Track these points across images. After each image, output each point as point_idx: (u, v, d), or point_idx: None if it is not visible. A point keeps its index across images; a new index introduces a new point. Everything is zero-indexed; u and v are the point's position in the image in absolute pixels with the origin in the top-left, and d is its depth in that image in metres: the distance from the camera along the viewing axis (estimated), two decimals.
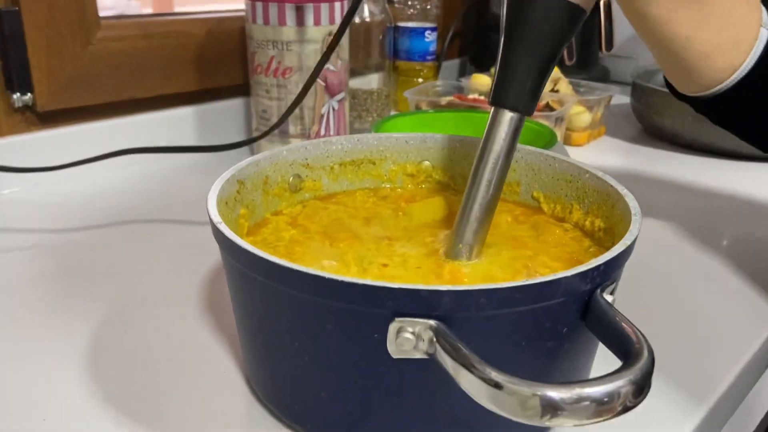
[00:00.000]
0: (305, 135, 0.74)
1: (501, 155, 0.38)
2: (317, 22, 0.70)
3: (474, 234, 0.38)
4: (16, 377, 0.39)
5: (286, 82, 0.71)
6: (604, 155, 0.86)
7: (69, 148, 0.69)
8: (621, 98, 1.04)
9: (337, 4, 0.71)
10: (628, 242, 0.32)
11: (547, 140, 0.64)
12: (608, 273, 0.30)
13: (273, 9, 0.68)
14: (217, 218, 0.34)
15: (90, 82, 0.70)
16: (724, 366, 0.42)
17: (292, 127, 0.73)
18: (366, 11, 0.87)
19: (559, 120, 0.79)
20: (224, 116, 0.83)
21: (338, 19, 0.71)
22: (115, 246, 0.56)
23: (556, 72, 0.90)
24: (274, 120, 0.73)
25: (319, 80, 0.72)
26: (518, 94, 0.37)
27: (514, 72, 0.36)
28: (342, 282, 0.28)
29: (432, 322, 0.27)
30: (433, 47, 1.01)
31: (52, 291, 0.49)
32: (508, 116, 0.37)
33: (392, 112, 0.96)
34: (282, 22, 0.69)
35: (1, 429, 0.35)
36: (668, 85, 0.48)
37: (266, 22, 0.69)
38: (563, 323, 0.30)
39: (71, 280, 0.50)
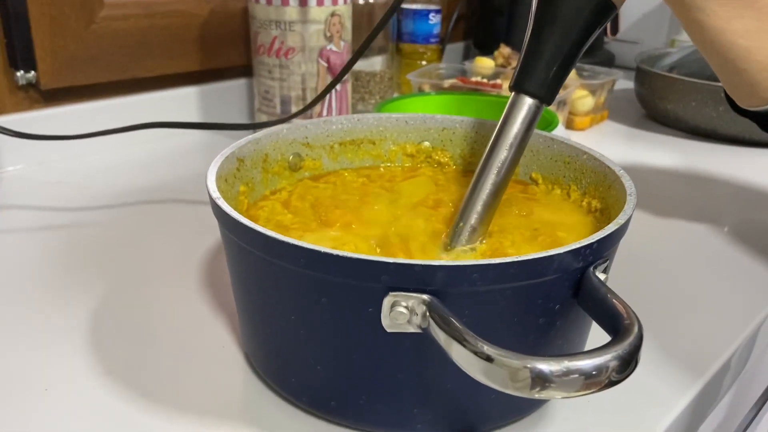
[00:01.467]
0: (307, 116, 0.74)
1: (516, 141, 0.38)
2: (320, 2, 0.69)
3: (479, 218, 0.38)
4: (19, 350, 0.40)
5: (289, 62, 0.71)
6: (606, 139, 0.86)
7: (72, 126, 0.70)
8: (625, 83, 1.04)
9: None
10: (622, 221, 0.32)
11: (549, 123, 0.64)
12: (601, 251, 0.31)
13: None
14: (216, 194, 0.34)
15: (93, 60, 0.70)
16: (722, 344, 0.43)
17: (294, 108, 0.73)
18: None
19: (561, 104, 0.79)
20: (227, 96, 0.83)
21: (341, 0, 0.71)
22: (118, 225, 0.57)
23: None
24: (276, 101, 0.73)
25: (320, 61, 0.72)
26: (541, 82, 0.37)
27: (538, 60, 0.36)
28: (337, 256, 0.28)
29: (425, 296, 0.28)
30: (437, 30, 1.01)
31: (54, 269, 0.49)
32: (527, 102, 0.37)
33: (395, 95, 0.96)
34: (285, 2, 0.69)
35: (5, 397, 0.36)
36: (729, 100, 0.46)
37: (269, 1, 0.69)
38: (555, 300, 0.30)
39: (74, 259, 0.51)
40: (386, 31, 0.91)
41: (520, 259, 0.28)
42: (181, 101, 0.79)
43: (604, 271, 0.31)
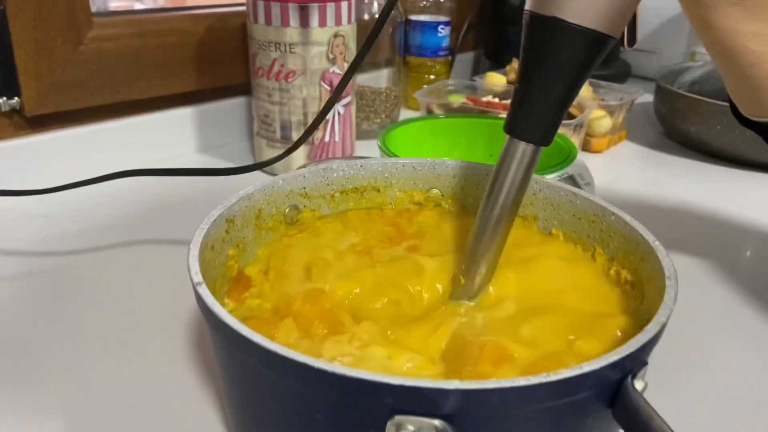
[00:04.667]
0: (309, 141, 0.70)
1: (513, 189, 0.34)
2: (322, 23, 0.65)
3: (480, 276, 0.36)
4: None
5: (289, 86, 0.67)
6: (624, 162, 0.81)
7: (59, 154, 0.66)
8: (643, 97, 0.99)
9: (344, 4, 0.66)
10: (663, 319, 0.28)
11: (566, 155, 0.60)
12: (641, 358, 0.27)
13: (275, 9, 0.64)
14: (197, 277, 0.30)
15: (81, 84, 0.66)
16: None
17: (295, 134, 0.69)
18: (375, 5, 0.82)
19: (578, 127, 0.75)
20: (226, 116, 0.79)
21: (345, 20, 0.67)
22: (100, 270, 0.53)
23: None
24: (276, 126, 0.69)
25: (323, 84, 0.68)
26: (536, 125, 0.33)
27: (532, 102, 0.33)
28: (333, 374, 0.24)
29: (437, 422, 0.24)
30: (446, 42, 0.97)
31: (29, 321, 0.45)
32: (522, 147, 0.34)
33: (401, 112, 0.91)
34: (285, 23, 0.64)
35: None
36: (732, 108, 0.43)
37: (268, 22, 0.65)
38: (588, 416, 0.26)
39: (47, 309, 0.47)
40: (393, 43, 0.87)
41: (549, 379, 0.24)
42: (177, 123, 0.75)
43: (642, 378, 0.27)
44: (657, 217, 0.63)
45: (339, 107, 0.71)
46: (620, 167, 0.79)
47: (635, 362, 0.26)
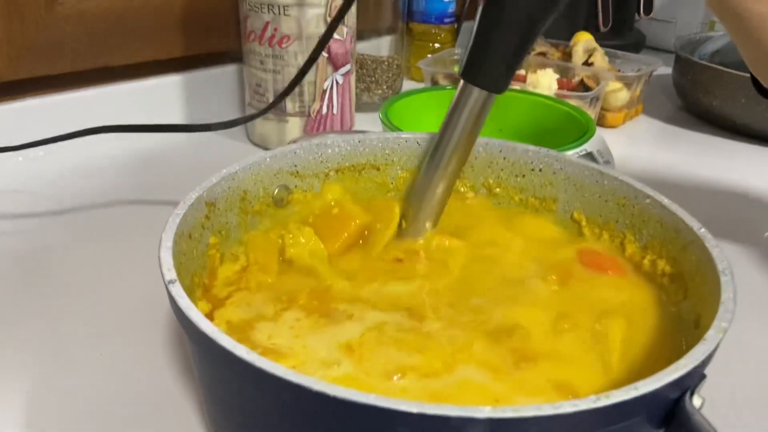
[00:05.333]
0: (304, 113, 0.65)
1: (464, 134, 0.35)
2: None
3: (427, 216, 0.38)
4: None
5: (283, 52, 0.62)
6: (641, 138, 0.76)
7: (34, 123, 0.61)
8: (659, 69, 0.94)
9: None
10: (726, 324, 0.23)
11: (584, 130, 0.55)
12: (701, 371, 0.22)
13: None
14: (170, 274, 0.25)
15: (57, 48, 0.61)
16: None
17: (290, 105, 0.64)
18: None
19: (594, 100, 0.70)
20: (215, 85, 0.74)
21: None
22: (79, 242, 0.48)
23: (590, 42, 0.80)
24: (270, 96, 0.64)
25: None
26: (491, 71, 0.34)
27: (487, 49, 0.33)
28: (337, 399, 0.19)
29: None
30: (452, 8, 0.91)
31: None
32: (476, 93, 0.34)
33: (404, 83, 0.86)
34: None
35: None
36: (753, 80, 0.41)
37: None
38: None
39: (22, 286, 0.42)
40: (395, 9, 0.81)
41: (597, 405, 0.19)
42: (163, 91, 0.70)
43: (699, 393, 0.23)
44: (679, 198, 0.58)
45: (337, 76, 0.65)
46: (637, 143, 0.74)
47: (695, 377, 0.22)
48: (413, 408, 0.19)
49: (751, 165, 0.69)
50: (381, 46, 0.81)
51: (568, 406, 0.19)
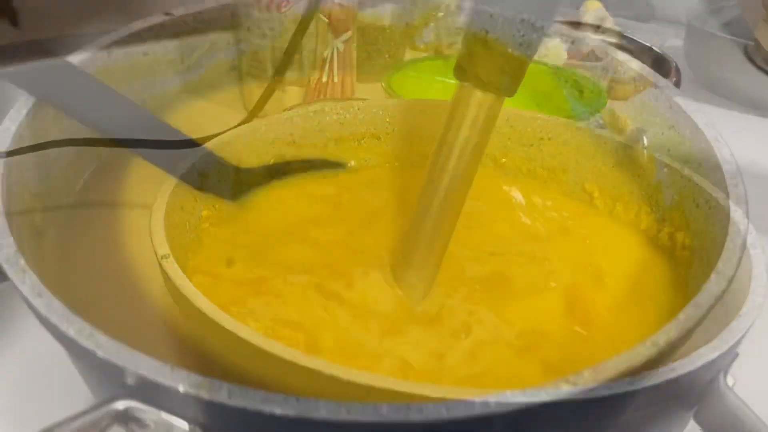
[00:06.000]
0: (303, 83, 0.62)
1: (467, 148, 0.27)
2: None
3: (430, 262, 0.28)
4: None
5: (282, 17, 0.60)
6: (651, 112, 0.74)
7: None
8: (670, 41, 0.91)
9: None
10: (761, 299, 0.22)
11: (595, 102, 0.53)
12: (735, 350, 0.21)
13: None
14: (163, 249, 0.24)
15: (30, 12, 0.59)
16: None
17: (288, 73, 0.62)
18: None
19: (604, 71, 0.67)
20: (211, 53, 0.72)
21: None
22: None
23: (601, 10, 0.77)
24: (268, 65, 0.62)
25: (321, 16, 0.60)
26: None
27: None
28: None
29: None
30: None
31: None
32: (479, 97, 0.26)
33: (407, 51, 0.84)
34: None
35: None
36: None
37: None
38: (666, 425, 0.21)
39: None
40: None
41: (633, 387, 0.18)
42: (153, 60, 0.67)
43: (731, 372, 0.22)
44: None
45: (338, 44, 0.63)
46: (648, 117, 0.72)
47: (730, 356, 0.20)
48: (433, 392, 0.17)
49: (764, 139, 0.66)
50: (383, 13, 0.79)
51: (602, 390, 0.18)
